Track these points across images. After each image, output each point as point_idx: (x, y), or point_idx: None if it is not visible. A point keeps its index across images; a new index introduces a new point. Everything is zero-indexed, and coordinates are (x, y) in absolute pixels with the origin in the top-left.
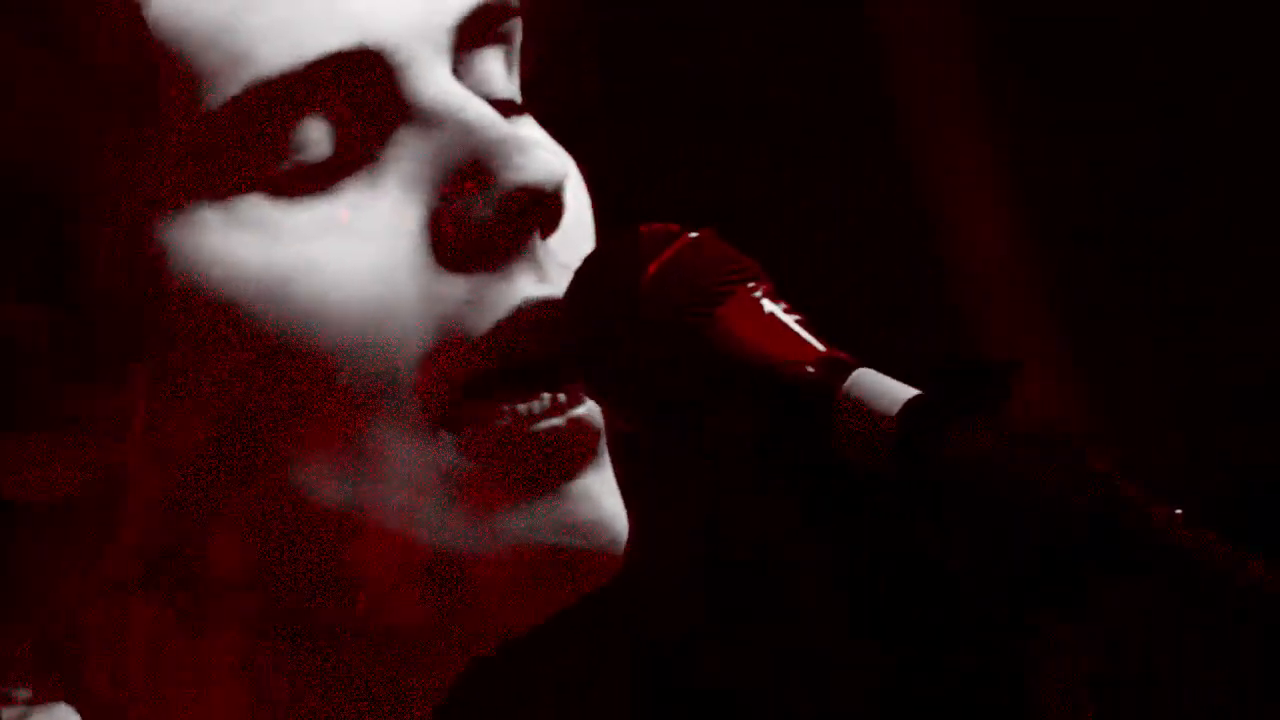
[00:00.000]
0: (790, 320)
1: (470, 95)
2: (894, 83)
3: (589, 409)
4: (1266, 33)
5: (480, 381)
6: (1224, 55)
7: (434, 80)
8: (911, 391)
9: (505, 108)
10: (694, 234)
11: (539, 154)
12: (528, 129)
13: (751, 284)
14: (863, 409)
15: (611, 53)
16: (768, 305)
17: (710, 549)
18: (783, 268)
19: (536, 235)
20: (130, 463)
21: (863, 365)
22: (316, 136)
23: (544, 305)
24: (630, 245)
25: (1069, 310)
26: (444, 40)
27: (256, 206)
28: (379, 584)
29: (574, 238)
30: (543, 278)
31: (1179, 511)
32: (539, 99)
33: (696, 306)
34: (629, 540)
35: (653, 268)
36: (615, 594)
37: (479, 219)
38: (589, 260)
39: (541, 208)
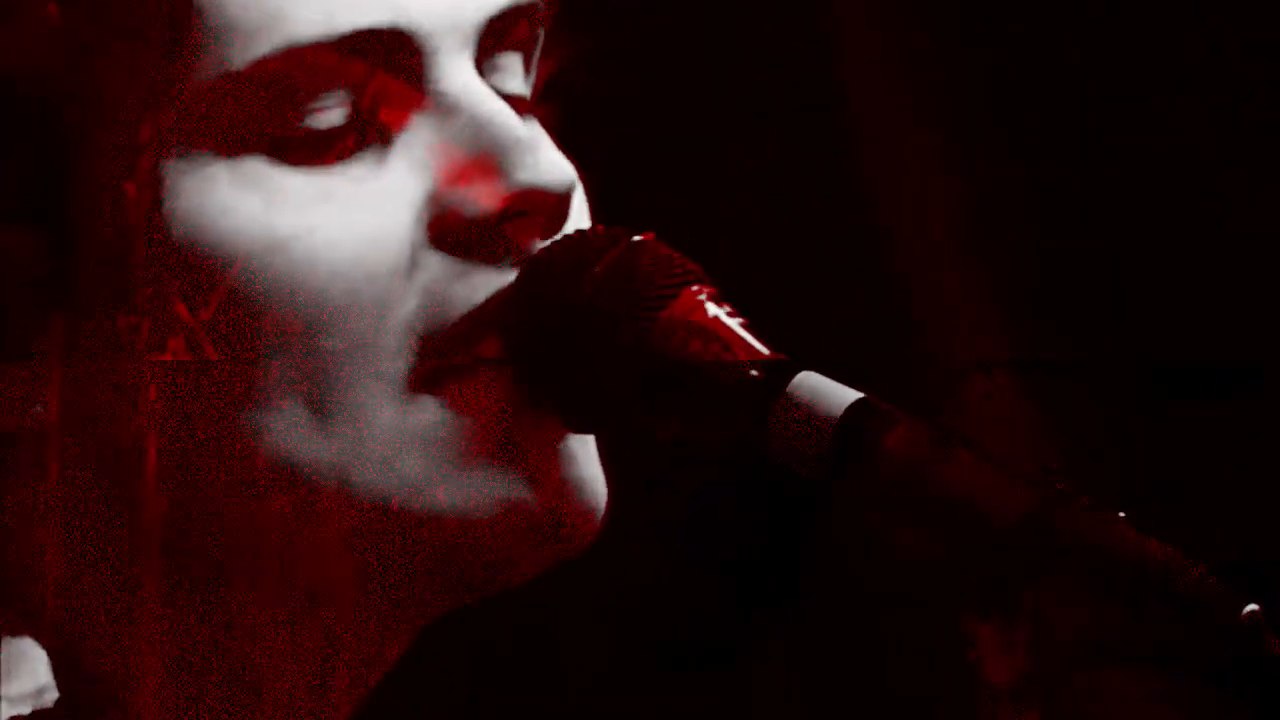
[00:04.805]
0: (734, 323)
1: (490, 92)
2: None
3: None
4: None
5: (462, 344)
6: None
7: (457, 71)
8: (855, 394)
9: (518, 105)
10: (638, 237)
11: (552, 156)
12: (537, 131)
13: (695, 287)
14: (805, 411)
15: None
16: (711, 308)
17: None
18: (726, 269)
19: (536, 240)
20: (98, 395)
21: (806, 369)
22: (332, 108)
23: None
24: (575, 247)
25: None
26: (471, 34)
27: (262, 167)
28: (329, 544)
29: None
30: None
31: (1121, 514)
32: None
33: (640, 308)
34: (606, 507)
35: (598, 269)
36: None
37: (483, 212)
38: (534, 261)
39: (547, 210)
